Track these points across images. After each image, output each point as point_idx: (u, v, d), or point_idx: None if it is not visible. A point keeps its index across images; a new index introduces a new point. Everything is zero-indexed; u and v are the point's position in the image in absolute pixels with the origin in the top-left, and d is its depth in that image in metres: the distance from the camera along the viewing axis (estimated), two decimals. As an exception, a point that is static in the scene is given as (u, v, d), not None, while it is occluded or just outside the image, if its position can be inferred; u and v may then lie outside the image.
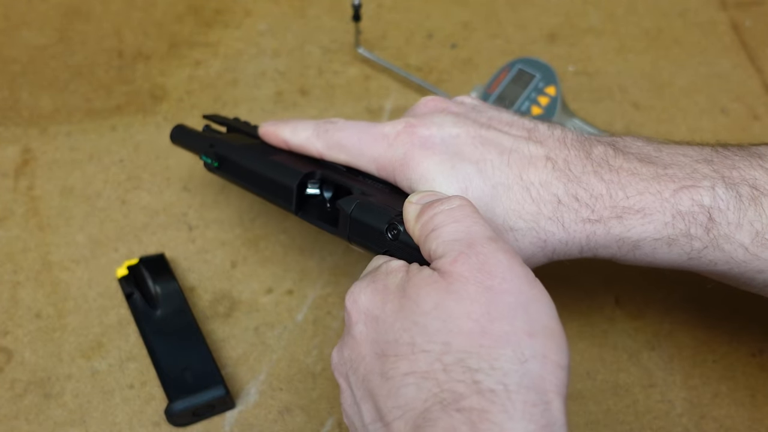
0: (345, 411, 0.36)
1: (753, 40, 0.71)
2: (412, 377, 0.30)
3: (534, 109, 0.61)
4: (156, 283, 0.52)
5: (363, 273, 0.39)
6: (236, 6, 0.73)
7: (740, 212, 0.38)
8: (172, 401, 0.47)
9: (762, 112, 0.65)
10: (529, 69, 0.63)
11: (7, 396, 0.50)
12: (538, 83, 0.62)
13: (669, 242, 0.39)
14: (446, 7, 0.74)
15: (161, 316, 0.51)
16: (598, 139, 0.42)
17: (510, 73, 0.63)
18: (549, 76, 0.62)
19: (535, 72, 0.62)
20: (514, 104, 0.61)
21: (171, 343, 0.50)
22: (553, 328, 0.31)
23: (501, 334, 0.30)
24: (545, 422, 0.28)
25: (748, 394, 0.51)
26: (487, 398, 0.28)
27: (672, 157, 0.41)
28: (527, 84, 0.62)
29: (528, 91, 0.62)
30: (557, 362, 0.30)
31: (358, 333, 0.34)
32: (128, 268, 0.54)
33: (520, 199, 0.40)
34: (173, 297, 0.52)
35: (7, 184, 0.60)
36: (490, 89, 0.62)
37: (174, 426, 0.49)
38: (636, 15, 0.73)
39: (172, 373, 0.48)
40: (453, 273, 0.32)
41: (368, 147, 0.43)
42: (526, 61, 0.63)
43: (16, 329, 0.53)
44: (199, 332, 0.51)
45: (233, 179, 0.49)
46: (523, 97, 0.61)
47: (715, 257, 0.39)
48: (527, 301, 0.31)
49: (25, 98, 0.66)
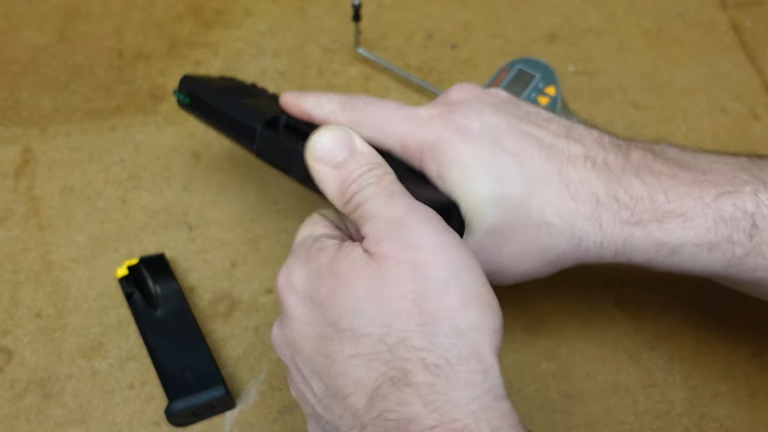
0: (295, 386, 0.37)
1: (753, 40, 0.71)
2: (358, 359, 0.31)
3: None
4: (156, 283, 0.52)
5: (295, 243, 0.38)
6: (236, 6, 0.73)
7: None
8: (172, 401, 0.47)
9: (762, 112, 0.65)
10: (529, 69, 0.63)
11: (7, 396, 0.50)
12: (537, 83, 0.62)
13: (710, 248, 0.39)
14: (446, 7, 0.74)
15: (161, 316, 0.51)
16: (635, 144, 0.42)
17: (510, 73, 0.63)
18: (549, 76, 0.62)
19: (535, 72, 0.62)
20: None
21: (171, 343, 0.50)
22: (485, 294, 0.32)
23: (436, 311, 0.31)
24: (488, 386, 0.31)
25: (748, 394, 0.51)
26: (432, 372, 0.30)
27: (709, 165, 0.41)
28: (527, 84, 0.62)
29: (528, 91, 0.61)
30: (491, 327, 0.32)
31: (298, 314, 0.35)
32: (128, 268, 0.54)
33: (558, 196, 0.39)
34: (173, 297, 0.52)
35: (7, 184, 0.60)
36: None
37: (174, 426, 0.49)
38: (636, 15, 0.73)
39: (172, 373, 0.48)
40: (381, 254, 0.32)
41: (397, 126, 0.41)
42: (526, 61, 0.63)
43: (16, 329, 0.53)
44: (200, 332, 0.51)
45: (202, 118, 0.49)
46: (522, 97, 0.61)
47: (756, 263, 0.39)
48: (457, 270, 0.32)
49: (25, 98, 0.66)
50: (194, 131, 0.63)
